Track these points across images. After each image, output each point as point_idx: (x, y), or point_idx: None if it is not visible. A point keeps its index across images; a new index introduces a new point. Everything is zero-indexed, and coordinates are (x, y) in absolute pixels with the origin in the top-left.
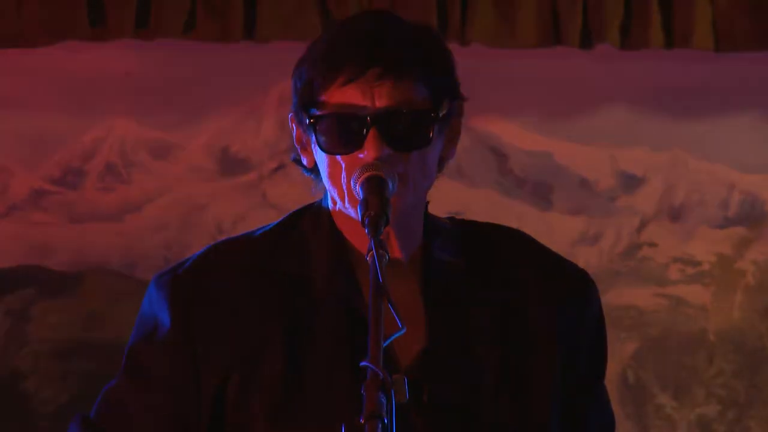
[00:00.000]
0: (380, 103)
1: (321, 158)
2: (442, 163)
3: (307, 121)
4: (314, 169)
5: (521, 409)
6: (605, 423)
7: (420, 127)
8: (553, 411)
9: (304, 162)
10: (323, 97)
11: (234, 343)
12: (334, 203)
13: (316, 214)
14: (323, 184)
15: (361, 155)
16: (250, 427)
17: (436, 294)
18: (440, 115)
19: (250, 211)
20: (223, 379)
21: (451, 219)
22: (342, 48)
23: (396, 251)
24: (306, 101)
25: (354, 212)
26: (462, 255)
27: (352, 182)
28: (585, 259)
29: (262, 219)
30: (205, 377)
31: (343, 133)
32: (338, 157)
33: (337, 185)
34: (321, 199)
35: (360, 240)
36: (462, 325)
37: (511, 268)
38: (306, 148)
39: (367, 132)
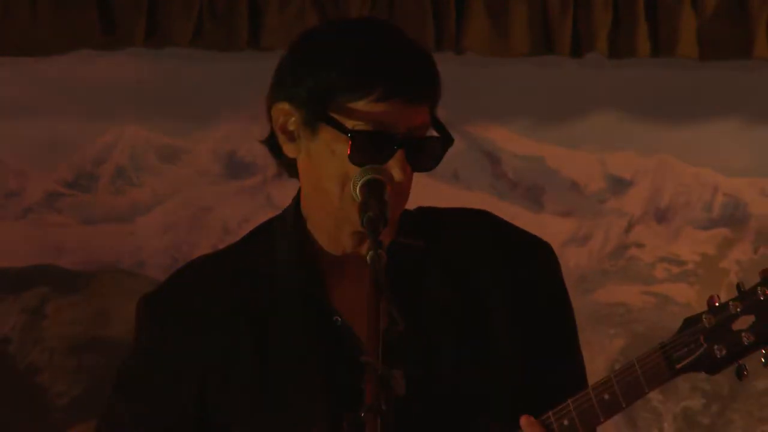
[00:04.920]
0: (410, 124)
1: (329, 160)
2: None
3: (348, 134)
4: (290, 160)
5: (481, 374)
6: (575, 377)
7: (438, 153)
8: (512, 373)
9: (284, 151)
10: (351, 106)
11: (206, 350)
12: (311, 200)
13: (282, 217)
14: (297, 175)
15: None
16: (231, 428)
17: (395, 275)
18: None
19: (255, 213)
20: (200, 385)
21: (419, 208)
22: (376, 63)
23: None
24: (328, 105)
25: (346, 212)
26: (421, 237)
27: (351, 185)
28: (575, 259)
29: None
30: (185, 386)
31: (373, 147)
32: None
33: (337, 186)
34: (290, 204)
35: (327, 236)
36: (418, 301)
37: (466, 243)
38: (295, 140)
39: (395, 151)
